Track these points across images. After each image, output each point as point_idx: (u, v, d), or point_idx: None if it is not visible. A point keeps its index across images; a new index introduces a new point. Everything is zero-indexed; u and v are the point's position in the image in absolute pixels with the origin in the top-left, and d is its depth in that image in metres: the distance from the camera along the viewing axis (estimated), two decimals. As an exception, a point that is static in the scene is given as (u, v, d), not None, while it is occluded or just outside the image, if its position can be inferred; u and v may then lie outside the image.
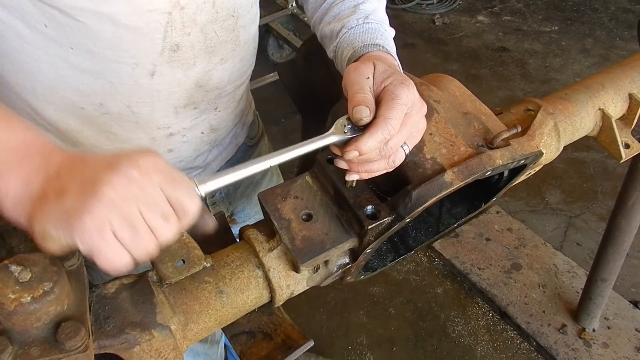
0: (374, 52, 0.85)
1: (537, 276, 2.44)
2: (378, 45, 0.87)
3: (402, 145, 0.72)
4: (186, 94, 0.91)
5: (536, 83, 3.68)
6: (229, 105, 1.03)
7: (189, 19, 0.82)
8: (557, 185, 2.94)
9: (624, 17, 4.29)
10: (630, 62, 1.21)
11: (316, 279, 0.84)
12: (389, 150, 0.70)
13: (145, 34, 0.80)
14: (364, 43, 0.87)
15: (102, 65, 0.82)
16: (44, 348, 0.60)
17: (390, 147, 0.70)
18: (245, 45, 0.96)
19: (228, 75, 0.96)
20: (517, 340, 2.29)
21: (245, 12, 0.92)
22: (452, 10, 4.47)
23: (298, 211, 0.78)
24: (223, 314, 0.79)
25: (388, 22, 0.96)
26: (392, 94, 0.69)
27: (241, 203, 1.23)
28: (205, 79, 0.91)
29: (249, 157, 1.20)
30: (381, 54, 0.85)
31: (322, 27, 0.97)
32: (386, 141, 0.69)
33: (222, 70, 0.93)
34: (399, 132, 0.69)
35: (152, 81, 0.86)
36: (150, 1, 0.77)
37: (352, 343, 2.31)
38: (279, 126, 3.36)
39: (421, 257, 2.63)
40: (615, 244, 1.88)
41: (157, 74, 0.85)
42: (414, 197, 0.74)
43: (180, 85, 0.89)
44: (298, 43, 3.38)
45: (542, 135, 0.98)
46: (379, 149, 0.69)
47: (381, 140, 0.68)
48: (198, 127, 0.99)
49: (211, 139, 1.03)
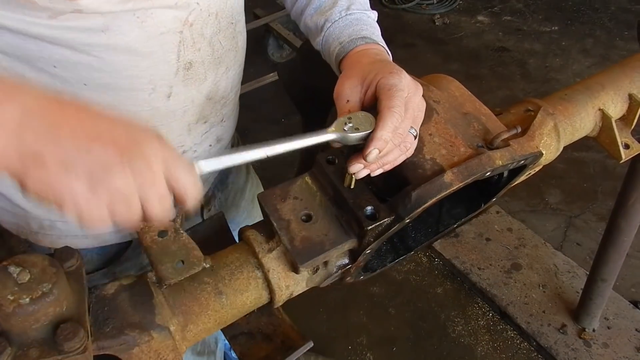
0: (361, 47, 0.87)
1: (537, 276, 2.44)
2: (364, 37, 0.88)
3: (409, 129, 0.74)
4: (198, 109, 0.91)
5: (536, 83, 3.68)
6: (231, 114, 1.04)
7: (198, 34, 0.83)
8: (557, 185, 2.94)
9: (624, 17, 4.28)
10: (630, 63, 1.21)
11: (316, 280, 0.84)
12: (399, 137, 0.72)
13: (160, 57, 0.80)
14: (350, 37, 0.89)
15: (118, 96, 0.81)
16: (43, 349, 0.60)
17: (399, 133, 0.72)
18: (242, 51, 0.98)
19: (231, 83, 0.97)
20: (517, 340, 2.29)
21: (240, 17, 0.94)
22: (452, 10, 4.47)
23: (297, 212, 0.78)
24: (222, 315, 0.78)
25: (368, 2, 0.97)
26: (387, 85, 0.72)
27: (232, 212, 1.24)
28: (214, 91, 0.92)
29: None
30: (368, 47, 0.87)
31: (305, 19, 0.98)
32: (396, 129, 0.71)
33: (227, 79, 0.94)
34: (405, 118, 0.71)
35: (168, 103, 0.85)
36: (163, 23, 0.77)
37: (352, 343, 2.31)
38: (279, 126, 3.36)
39: (421, 257, 2.63)
40: (615, 244, 1.87)
41: (173, 95, 0.85)
42: (414, 198, 0.74)
43: (193, 101, 0.89)
44: (298, 43, 3.37)
45: (541, 135, 0.98)
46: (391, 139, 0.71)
47: (393, 130, 0.70)
48: (207, 140, 0.99)
49: (217, 150, 1.04)
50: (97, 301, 0.72)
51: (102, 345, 0.68)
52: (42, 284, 0.60)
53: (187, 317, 0.75)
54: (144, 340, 0.70)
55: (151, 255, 0.76)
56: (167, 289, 0.75)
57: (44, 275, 0.61)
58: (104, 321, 0.70)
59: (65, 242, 0.92)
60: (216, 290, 0.77)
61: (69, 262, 0.67)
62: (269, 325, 0.92)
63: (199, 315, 0.76)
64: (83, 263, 0.69)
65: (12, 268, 0.60)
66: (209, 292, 0.77)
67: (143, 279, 0.76)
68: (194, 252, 0.77)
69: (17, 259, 0.61)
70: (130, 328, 0.70)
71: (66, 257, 0.67)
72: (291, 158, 3.04)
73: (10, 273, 0.60)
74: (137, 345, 0.70)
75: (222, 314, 0.78)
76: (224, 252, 0.82)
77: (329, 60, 0.96)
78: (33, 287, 0.60)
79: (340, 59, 0.89)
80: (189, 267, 0.75)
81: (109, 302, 0.72)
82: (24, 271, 0.60)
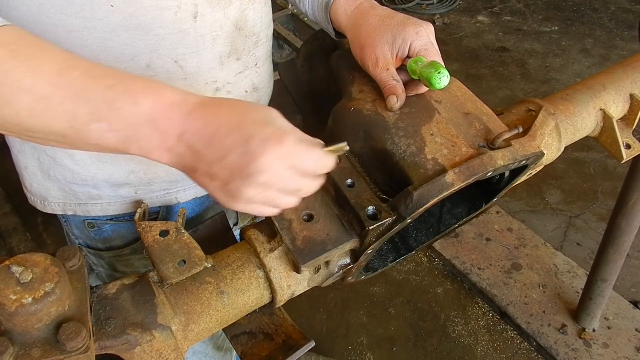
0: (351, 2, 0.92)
1: (537, 276, 2.44)
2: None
3: None
4: (228, 38, 0.90)
5: (536, 83, 3.68)
6: (265, 62, 1.03)
7: None
8: (557, 185, 2.94)
9: (624, 17, 4.29)
10: (631, 63, 1.21)
11: (317, 280, 0.84)
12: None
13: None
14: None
15: (145, 16, 0.79)
16: (45, 349, 0.60)
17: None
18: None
19: (260, 17, 0.95)
20: (517, 340, 2.29)
21: None
22: (452, 10, 4.47)
23: (299, 211, 0.78)
24: (224, 314, 0.78)
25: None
26: (423, 47, 0.85)
27: None
28: (242, 20, 0.91)
29: None
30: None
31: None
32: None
33: (254, 11, 0.93)
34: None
35: (195, 25, 0.84)
36: None
37: (352, 343, 2.31)
38: (279, 126, 3.35)
39: (421, 257, 2.63)
40: (616, 244, 1.88)
41: (200, 16, 0.84)
42: (415, 198, 0.74)
43: (222, 27, 0.88)
44: (298, 43, 3.37)
45: (543, 135, 0.98)
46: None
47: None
48: (241, 83, 0.98)
49: (254, 98, 1.03)
50: (99, 300, 0.72)
51: (104, 344, 0.68)
52: (44, 284, 0.60)
53: (189, 316, 0.75)
54: (146, 339, 0.70)
55: (153, 255, 0.76)
56: (169, 288, 0.75)
57: (46, 274, 0.61)
58: (105, 320, 0.70)
59: (114, 209, 1.00)
60: (218, 290, 0.77)
61: (71, 261, 0.67)
62: (271, 325, 0.92)
63: (201, 314, 0.76)
64: (85, 262, 0.69)
65: (14, 268, 0.60)
66: (210, 291, 0.77)
67: (145, 278, 0.76)
68: (196, 252, 0.77)
69: (19, 259, 0.61)
70: (132, 327, 0.70)
71: (68, 256, 0.67)
72: (292, 158, 2.95)
73: (13, 273, 0.60)
74: (139, 344, 0.70)
75: (224, 314, 0.78)
76: (226, 251, 0.82)
77: (314, 10, 0.99)
78: (35, 286, 0.60)
79: (330, 5, 0.94)
80: (190, 267, 0.76)
81: (111, 301, 0.72)
82: (27, 271, 0.60)
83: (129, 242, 1.07)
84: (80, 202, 0.99)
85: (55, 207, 1.01)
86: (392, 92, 0.83)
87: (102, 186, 0.97)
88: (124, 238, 1.06)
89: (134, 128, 0.61)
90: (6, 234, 2.79)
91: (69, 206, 1.00)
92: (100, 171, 0.94)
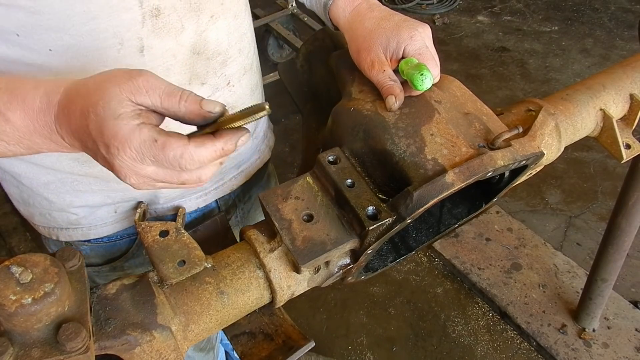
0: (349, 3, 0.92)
1: (537, 276, 2.44)
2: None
3: None
4: (186, 66, 0.83)
5: (536, 83, 3.68)
6: (242, 77, 0.96)
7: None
8: (557, 185, 2.94)
9: (624, 17, 4.29)
10: (631, 63, 1.21)
11: (317, 280, 0.84)
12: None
13: (119, 4, 0.73)
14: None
15: (86, 57, 0.74)
16: (45, 349, 0.60)
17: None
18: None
19: (225, 35, 0.88)
20: (517, 340, 2.29)
21: None
22: (452, 10, 4.47)
23: (299, 212, 0.78)
24: (224, 314, 0.78)
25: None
26: (417, 50, 0.84)
27: (253, 221, 1.23)
28: (200, 43, 0.84)
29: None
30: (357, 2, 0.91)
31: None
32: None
33: (217, 30, 0.86)
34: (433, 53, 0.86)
35: (143, 59, 0.78)
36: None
37: (352, 343, 2.31)
38: (279, 126, 3.35)
39: (421, 257, 2.63)
40: (616, 244, 1.88)
41: (147, 49, 0.78)
42: (415, 198, 0.74)
43: (175, 56, 0.81)
44: (298, 43, 3.37)
45: (543, 135, 0.98)
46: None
47: (437, 66, 0.85)
48: None
49: None
50: (99, 301, 0.72)
51: (103, 345, 0.68)
52: (44, 284, 0.60)
53: (189, 316, 0.75)
54: (146, 340, 0.70)
55: (152, 255, 0.76)
56: (169, 288, 0.75)
57: (46, 275, 0.61)
58: (105, 321, 0.70)
59: (95, 233, 0.99)
60: (218, 290, 0.77)
61: (70, 262, 0.67)
62: (271, 325, 0.92)
63: (201, 315, 0.76)
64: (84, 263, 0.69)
65: (14, 268, 0.60)
66: (210, 291, 0.77)
67: (144, 278, 0.76)
68: (196, 252, 0.77)
69: (19, 259, 0.61)
70: (131, 328, 0.70)
71: (68, 257, 0.67)
72: (291, 158, 3.06)
73: (13, 273, 0.60)
74: (139, 345, 0.69)
75: (224, 314, 0.78)
76: (226, 252, 0.82)
77: (314, 8, 0.99)
78: (35, 287, 0.60)
79: (329, 6, 0.94)
80: (190, 267, 0.75)
81: (111, 302, 0.72)
82: (26, 271, 0.60)
83: (108, 261, 1.06)
84: (62, 227, 0.99)
85: (42, 230, 1.02)
86: (390, 92, 0.83)
87: (80, 212, 0.96)
88: (103, 257, 1.06)
89: (27, 139, 0.62)
90: (6, 234, 2.79)
91: (53, 230, 1.01)
92: (76, 199, 0.94)
